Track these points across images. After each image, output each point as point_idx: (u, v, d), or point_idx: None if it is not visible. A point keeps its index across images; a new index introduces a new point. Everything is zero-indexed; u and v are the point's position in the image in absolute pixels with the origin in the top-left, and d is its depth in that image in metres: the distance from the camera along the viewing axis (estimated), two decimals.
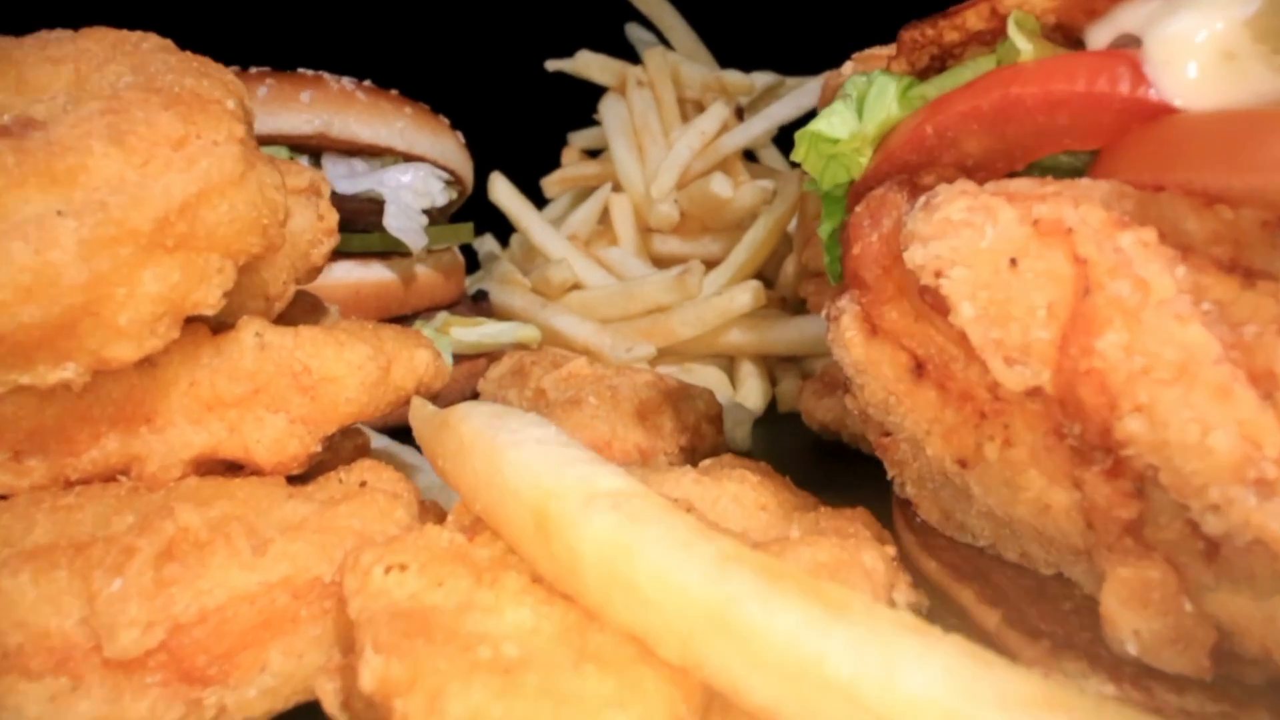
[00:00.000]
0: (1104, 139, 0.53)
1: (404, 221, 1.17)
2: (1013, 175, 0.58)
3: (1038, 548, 0.58)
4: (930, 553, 0.64)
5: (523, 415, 0.54)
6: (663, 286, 1.35)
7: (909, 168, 0.62)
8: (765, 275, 1.48)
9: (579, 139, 1.78)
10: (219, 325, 0.65)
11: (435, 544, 0.50)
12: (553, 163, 1.76)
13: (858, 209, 0.60)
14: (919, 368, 0.56)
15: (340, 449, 0.80)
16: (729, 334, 1.33)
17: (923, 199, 0.54)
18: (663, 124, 1.61)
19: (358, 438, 0.82)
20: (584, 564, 0.42)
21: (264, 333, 0.63)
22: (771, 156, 1.78)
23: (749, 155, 1.72)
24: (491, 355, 1.35)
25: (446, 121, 1.35)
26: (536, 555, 0.46)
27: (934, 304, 0.53)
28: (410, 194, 1.19)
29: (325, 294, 1.16)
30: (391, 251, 1.21)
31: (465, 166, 1.36)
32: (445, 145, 1.30)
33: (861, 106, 0.64)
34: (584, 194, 1.69)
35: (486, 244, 1.75)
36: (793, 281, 1.49)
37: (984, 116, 0.56)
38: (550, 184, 1.69)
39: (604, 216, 1.59)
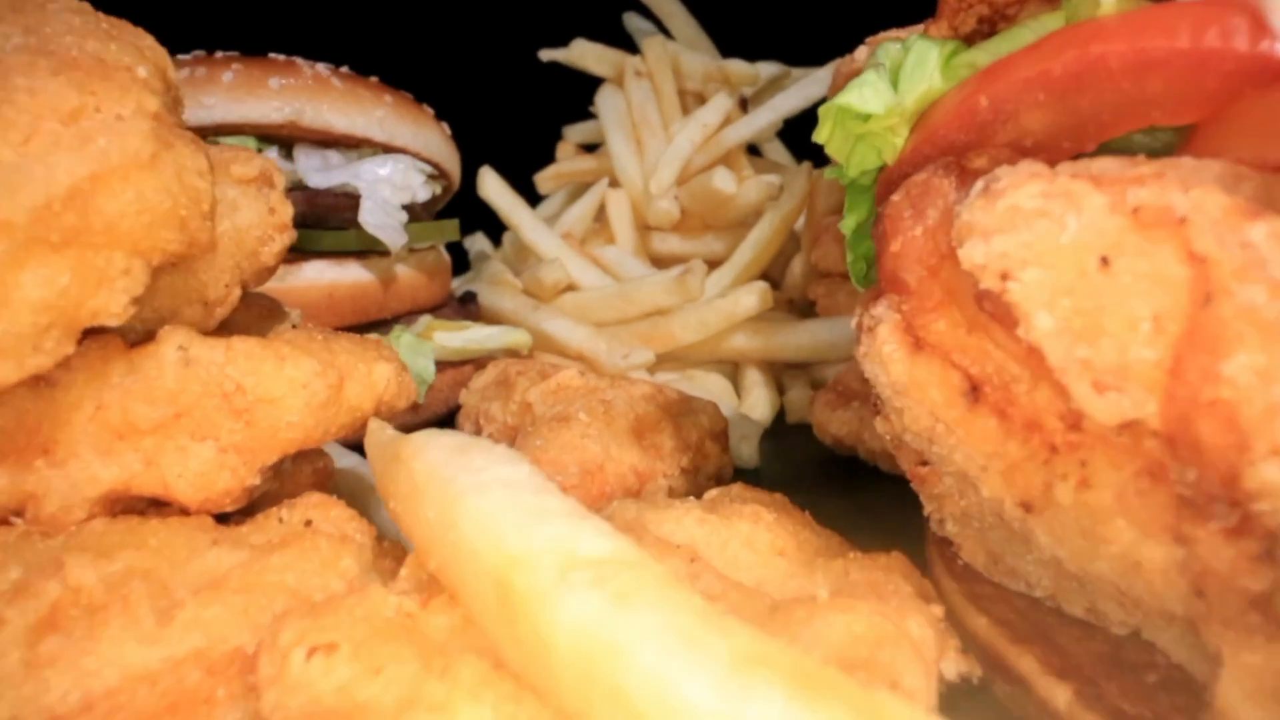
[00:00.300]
0: (1204, 110, 0.42)
1: (381, 218, 1.07)
2: (1077, 159, 0.48)
3: (1115, 606, 0.47)
4: (978, 605, 0.53)
5: (490, 449, 0.43)
6: (662, 288, 1.24)
7: (955, 149, 0.51)
8: (771, 276, 1.37)
9: (574, 133, 1.67)
10: (139, 337, 0.55)
11: (376, 614, 0.40)
12: (546, 158, 1.66)
13: (896, 198, 0.49)
14: (974, 390, 0.45)
15: (295, 476, 0.69)
16: (733, 339, 1.22)
17: (980, 183, 0.43)
18: (662, 116, 1.50)
19: (317, 460, 0.72)
20: (558, 658, 0.32)
21: (189, 345, 0.53)
22: (776, 151, 1.68)
23: (753, 150, 1.61)
24: (479, 361, 1.24)
25: (431, 112, 1.24)
26: (499, 637, 0.36)
27: (995, 313, 0.43)
28: (389, 188, 1.09)
29: (296, 296, 1.06)
30: (369, 250, 1.10)
31: (451, 160, 1.26)
32: (429, 136, 1.20)
33: (897, 77, 0.53)
34: (579, 190, 1.58)
35: (477, 243, 1.64)
36: (800, 282, 1.38)
37: (1054, 84, 0.45)
38: (544, 180, 1.59)
39: (600, 214, 1.49)
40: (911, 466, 0.58)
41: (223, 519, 0.58)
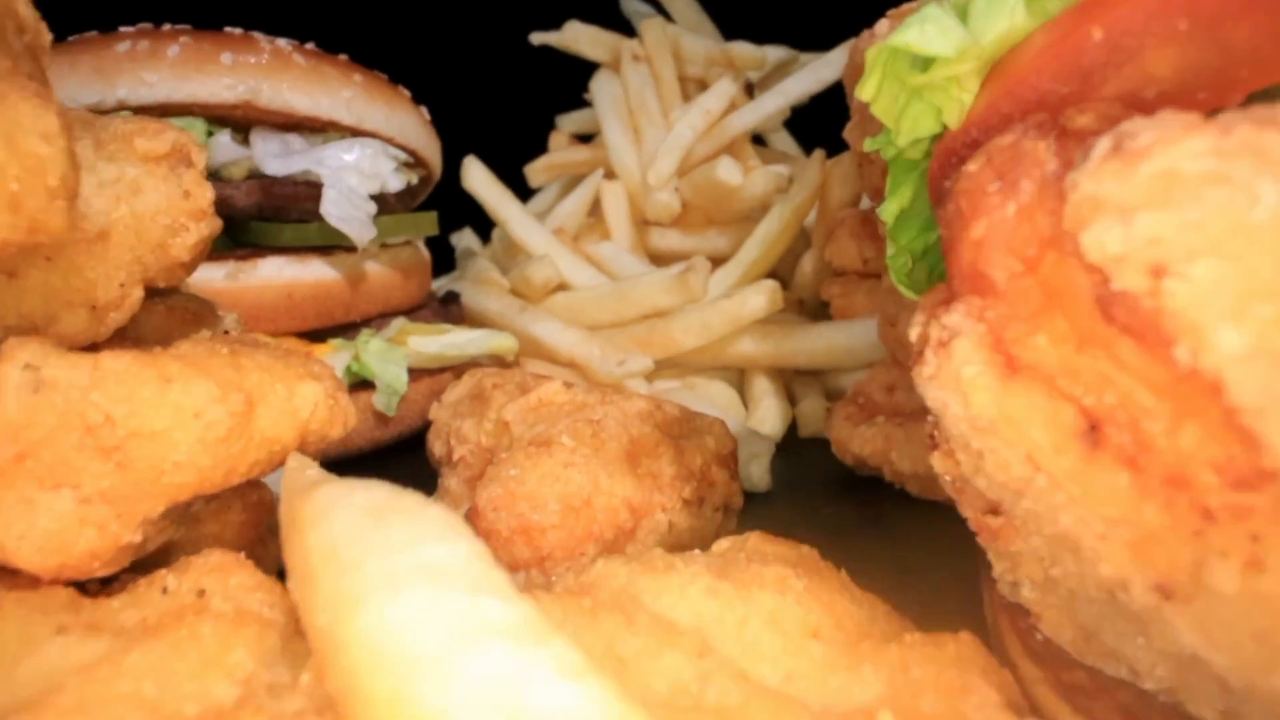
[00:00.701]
0: None
1: (347, 209, 0.93)
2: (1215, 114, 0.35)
3: None
4: (1072, 701, 0.40)
5: (417, 515, 0.30)
6: (661, 287, 1.11)
7: (1047, 104, 0.38)
8: (780, 275, 1.24)
9: (568, 122, 1.54)
10: None
11: None
12: (538, 148, 1.52)
13: (973, 167, 0.36)
14: (1092, 431, 0.32)
15: (219, 515, 0.57)
16: (739, 343, 1.09)
17: (1105, 141, 0.30)
18: (661, 103, 1.37)
19: (249, 494, 0.59)
20: None
21: (41, 364, 0.39)
22: (783, 142, 1.54)
23: (758, 140, 1.48)
24: (460, 369, 1.11)
25: (407, 94, 1.11)
26: None
27: (1131, 325, 0.30)
28: (355, 176, 0.96)
29: (250, 298, 0.93)
30: (334, 245, 0.97)
31: (430, 146, 1.13)
32: (404, 120, 1.07)
33: (965, 14, 0.40)
34: (573, 183, 1.45)
35: (464, 239, 1.51)
36: (812, 281, 1.25)
37: (1201, 7, 0.32)
38: (535, 171, 1.46)
39: (595, 208, 1.36)
40: (978, 515, 0.45)
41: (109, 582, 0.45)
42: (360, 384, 0.97)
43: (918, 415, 0.88)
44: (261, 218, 0.95)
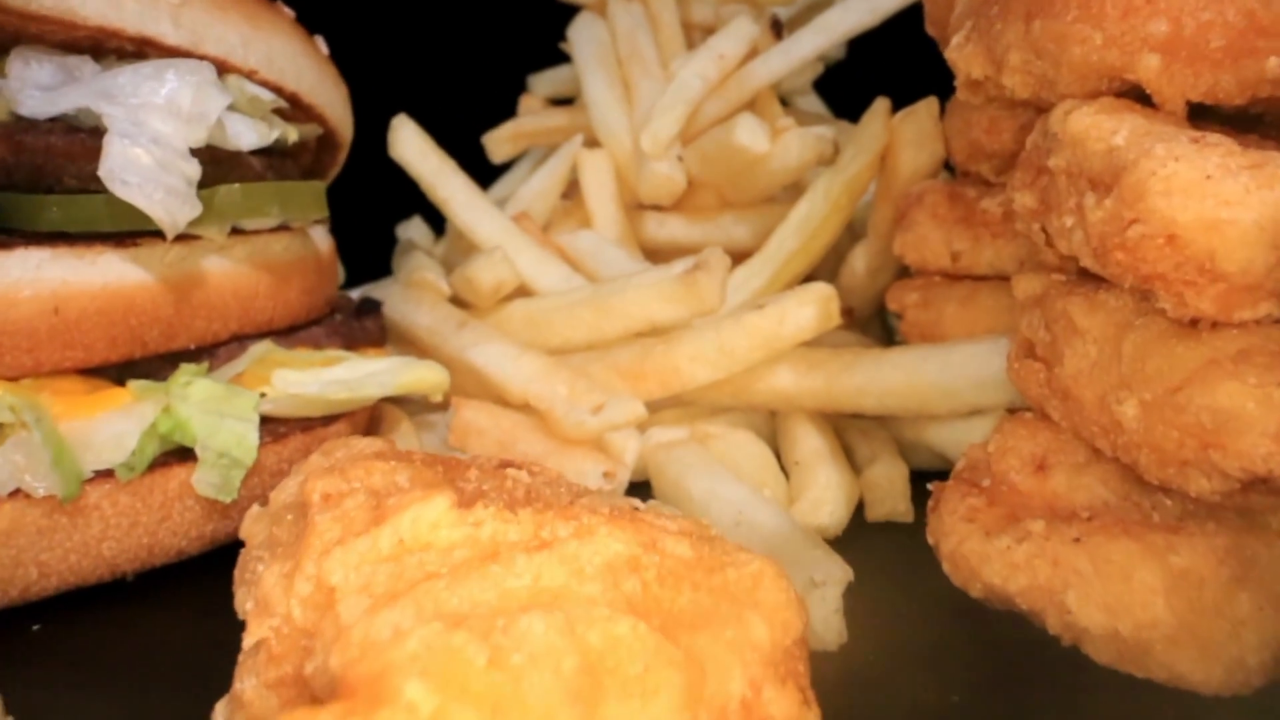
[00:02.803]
0: None
1: (147, 171, 0.53)
2: None
3: None
4: None
5: None
6: (659, 293, 0.71)
7: None
8: (817, 276, 0.83)
9: (542, 83, 1.13)
10: None
11: None
12: (507, 117, 1.12)
13: None
14: None
15: None
16: (774, 376, 0.68)
17: None
18: (660, 51, 0.96)
19: None
20: None
21: None
22: (812, 106, 1.13)
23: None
24: (357, 417, 0.70)
25: (289, 13, 0.70)
26: None
27: None
28: (165, 118, 0.55)
29: None
30: (142, 231, 0.57)
31: (324, 88, 0.72)
32: (277, 47, 0.66)
33: None
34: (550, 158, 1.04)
35: (410, 231, 1.10)
36: (864, 283, 0.84)
37: None
38: (497, 141, 1.04)
39: (573, 188, 0.95)
40: None
41: None
42: (174, 453, 0.56)
43: (1102, 518, 0.47)
44: (11, 186, 0.55)
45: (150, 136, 0.54)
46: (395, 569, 0.31)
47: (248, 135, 0.62)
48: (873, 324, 0.89)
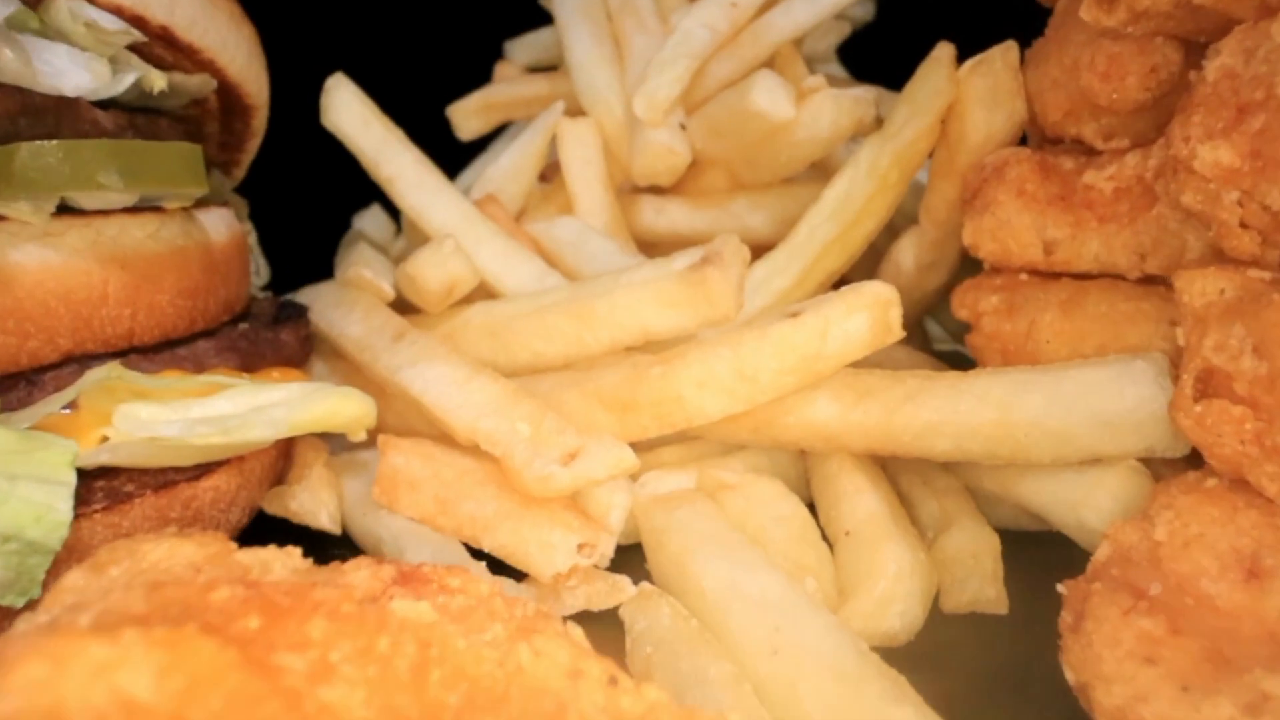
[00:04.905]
0: None
1: None
2: None
3: None
4: None
5: None
6: (658, 295, 0.50)
7: None
8: (850, 275, 0.63)
9: (522, 48, 0.92)
10: None
11: None
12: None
13: None
14: None
15: None
16: (811, 407, 0.48)
17: None
18: (658, 3, 0.76)
19: None
20: None
21: None
22: (835, 75, 0.93)
23: None
24: (252, 464, 0.50)
25: None
26: None
27: None
28: None
29: None
30: None
31: (210, 24, 0.51)
32: None
33: None
34: None
35: (365, 221, 0.90)
36: (914, 280, 0.64)
37: None
38: (464, 113, 0.83)
39: (553, 169, 0.75)
40: None
41: None
42: None
43: None
44: None
45: None
46: None
47: (74, 75, 0.41)
48: (912, 336, 0.69)
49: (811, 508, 0.49)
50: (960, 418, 0.45)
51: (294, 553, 0.32)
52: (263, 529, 0.52)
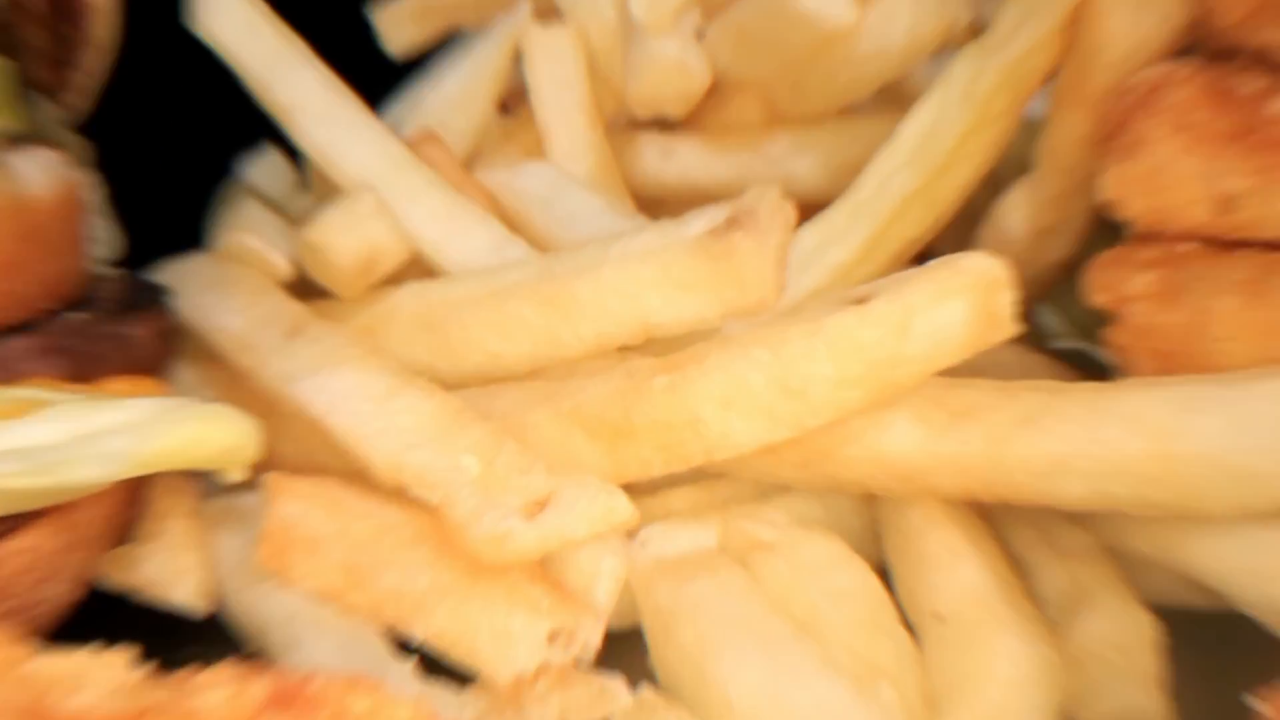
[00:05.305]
0: None
1: None
2: None
3: None
4: None
5: None
6: (664, 271, 0.51)
7: None
8: (939, 244, 0.62)
9: None
10: None
11: None
12: None
13: None
14: None
15: None
16: (883, 434, 0.46)
17: None
18: None
19: None
20: None
21: None
22: None
23: None
24: (85, 514, 0.49)
25: None
26: None
27: None
28: None
29: None
30: None
31: None
32: None
33: None
34: None
35: (255, 170, 0.87)
36: (1024, 254, 0.63)
37: None
38: (394, 21, 0.82)
39: (517, 97, 0.75)
40: None
41: None
42: None
43: None
44: None
45: None
46: None
47: None
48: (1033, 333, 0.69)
49: (885, 577, 0.49)
50: (1099, 449, 0.45)
51: (122, 657, 0.30)
52: (100, 610, 0.52)
